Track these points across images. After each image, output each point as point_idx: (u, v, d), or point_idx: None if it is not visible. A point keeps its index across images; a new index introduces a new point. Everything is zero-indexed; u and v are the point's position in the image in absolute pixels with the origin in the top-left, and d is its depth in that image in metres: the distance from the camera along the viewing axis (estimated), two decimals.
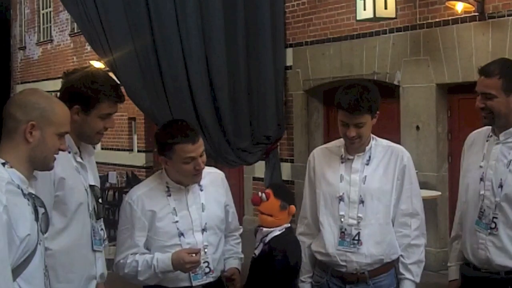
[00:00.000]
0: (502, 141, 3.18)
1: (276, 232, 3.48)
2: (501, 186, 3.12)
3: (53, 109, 2.46)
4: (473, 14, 7.17)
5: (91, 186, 3.02)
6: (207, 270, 3.26)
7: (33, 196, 2.40)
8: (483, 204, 3.18)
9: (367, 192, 3.25)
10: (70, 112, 2.86)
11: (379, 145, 3.35)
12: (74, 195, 2.89)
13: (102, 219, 3.13)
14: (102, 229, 3.10)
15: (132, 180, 11.92)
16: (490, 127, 3.27)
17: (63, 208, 2.86)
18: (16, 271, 2.28)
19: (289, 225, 3.54)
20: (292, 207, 3.54)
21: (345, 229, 3.26)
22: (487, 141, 3.26)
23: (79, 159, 2.97)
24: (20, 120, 2.39)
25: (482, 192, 3.18)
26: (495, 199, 3.13)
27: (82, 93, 2.89)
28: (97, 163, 3.25)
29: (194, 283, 3.24)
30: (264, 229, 3.50)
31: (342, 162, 3.33)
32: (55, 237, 2.80)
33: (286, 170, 9.66)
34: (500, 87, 3.10)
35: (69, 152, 2.89)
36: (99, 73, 3.05)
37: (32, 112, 2.41)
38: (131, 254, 3.24)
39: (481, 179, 3.20)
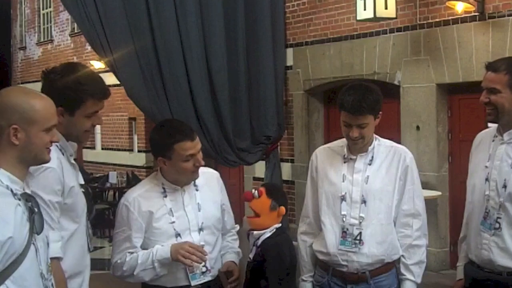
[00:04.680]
0: (507, 141, 3.17)
1: (267, 234, 3.47)
2: (505, 186, 3.11)
3: (33, 106, 2.39)
4: (473, 14, 7.17)
5: (81, 185, 2.97)
6: (204, 269, 3.27)
7: (27, 196, 2.37)
8: (488, 205, 3.17)
9: (369, 192, 3.25)
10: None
11: (382, 145, 3.35)
12: (79, 200, 2.88)
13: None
14: (90, 227, 3.06)
15: (132, 180, 11.92)
16: (496, 127, 3.26)
17: (72, 215, 2.83)
18: (4, 273, 2.26)
19: (280, 225, 3.53)
20: (282, 208, 3.52)
21: (347, 229, 3.26)
22: (493, 141, 3.25)
23: (72, 161, 2.92)
24: (2, 126, 2.36)
25: (487, 193, 3.17)
26: (499, 199, 3.12)
27: (64, 94, 2.75)
28: (97, 163, 3.24)
29: (193, 283, 3.24)
30: (255, 232, 3.50)
31: (344, 162, 3.33)
32: (67, 246, 2.77)
33: (286, 170, 9.66)
34: (506, 82, 3.10)
35: (63, 154, 2.83)
36: (80, 70, 2.89)
37: (12, 115, 2.36)
38: (129, 252, 3.23)
39: (486, 180, 3.19)
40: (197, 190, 3.34)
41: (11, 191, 2.32)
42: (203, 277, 3.27)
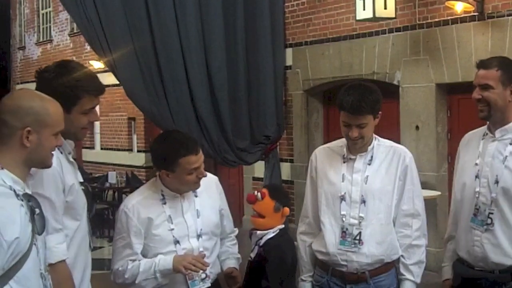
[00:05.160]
0: (498, 138, 3.21)
1: (270, 234, 3.48)
2: (497, 182, 3.14)
3: (47, 110, 2.43)
4: (472, 14, 7.17)
5: (81, 183, 2.97)
6: (203, 276, 3.27)
7: (28, 196, 2.38)
8: (478, 202, 3.20)
9: (369, 192, 3.25)
10: None
11: (381, 145, 3.35)
12: (79, 197, 2.88)
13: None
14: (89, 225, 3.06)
15: (132, 180, 11.92)
16: (485, 127, 3.31)
17: (73, 213, 2.84)
18: (8, 274, 2.26)
19: (283, 225, 3.54)
20: (286, 209, 3.53)
21: (347, 229, 3.26)
22: (482, 139, 3.29)
23: (71, 159, 2.92)
24: (14, 127, 2.37)
25: (477, 190, 3.20)
26: (491, 195, 3.15)
27: (60, 92, 2.70)
28: (96, 163, 3.24)
29: None
30: (258, 232, 3.51)
31: (344, 162, 3.34)
32: (69, 245, 2.78)
33: (285, 170, 9.66)
34: (498, 78, 3.15)
35: (61, 153, 2.82)
36: (74, 67, 2.89)
37: (26, 117, 2.37)
38: (131, 260, 3.23)
39: (477, 177, 3.22)
40: (196, 196, 3.34)
41: (14, 191, 2.32)
42: (202, 284, 3.27)
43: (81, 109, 2.83)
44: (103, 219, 11.41)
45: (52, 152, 2.50)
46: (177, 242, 3.23)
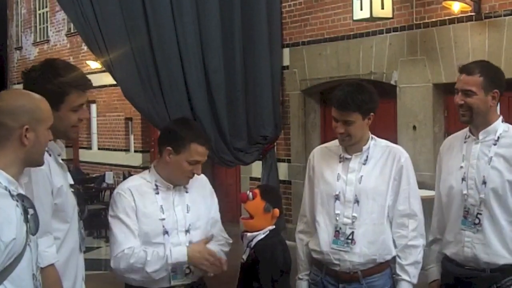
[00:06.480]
0: (481, 140, 3.27)
1: (261, 235, 3.48)
2: (484, 182, 3.20)
3: (39, 107, 2.45)
4: (469, 14, 7.17)
5: (71, 186, 2.97)
6: (187, 271, 3.26)
7: (22, 197, 2.38)
8: (466, 204, 3.25)
9: (362, 192, 3.26)
10: None
11: (377, 145, 3.36)
12: (69, 200, 2.87)
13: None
14: (82, 227, 3.05)
15: None
16: (466, 131, 3.36)
17: (62, 216, 2.83)
18: (2, 274, 2.27)
19: (274, 227, 3.54)
20: (276, 210, 3.53)
21: (340, 228, 3.27)
22: (465, 142, 3.34)
23: (60, 161, 2.91)
24: (12, 127, 2.38)
25: (465, 192, 3.26)
26: (480, 196, 3.20)
27: (47, 90, 2.68)
28: (93, 163, 3.23)
29: (173, 283, 3.23)
30: (249, 234, 3.50)
31: (340, 161, 3.35)
32: (60, 247, 2.78)
33: (283, 170, 9.66)
34: (480, 84, 3.20)
35: (50, 155, 2.80)
36: (59, 64, 2.89)
37: (22, 116, 2.39)
38: (132, 247, 3.18)
39: (463, 179, 3.27)
40: (186, 192, 3.35)
41: (9, 192, 2.32)
42: (185, 279, 3.26)
43: (69, 106, 2.82)
44: (100, 219, 11.40)
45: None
46: (166, 232, 3.22)
